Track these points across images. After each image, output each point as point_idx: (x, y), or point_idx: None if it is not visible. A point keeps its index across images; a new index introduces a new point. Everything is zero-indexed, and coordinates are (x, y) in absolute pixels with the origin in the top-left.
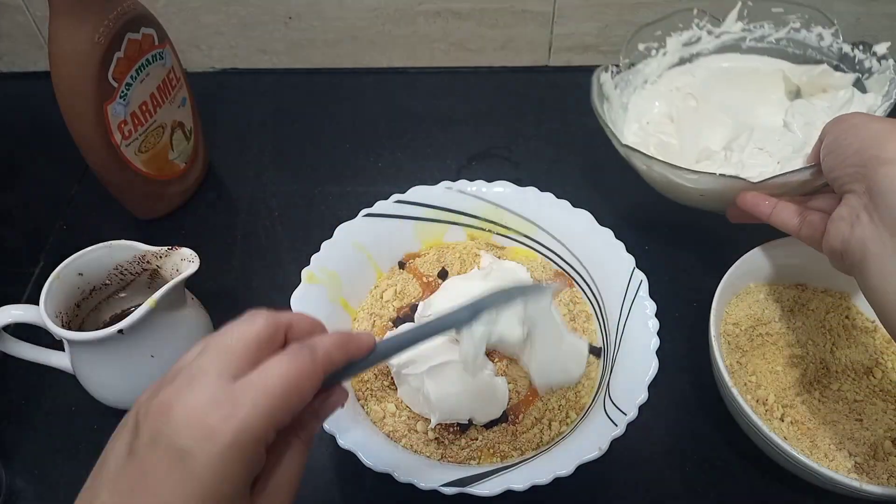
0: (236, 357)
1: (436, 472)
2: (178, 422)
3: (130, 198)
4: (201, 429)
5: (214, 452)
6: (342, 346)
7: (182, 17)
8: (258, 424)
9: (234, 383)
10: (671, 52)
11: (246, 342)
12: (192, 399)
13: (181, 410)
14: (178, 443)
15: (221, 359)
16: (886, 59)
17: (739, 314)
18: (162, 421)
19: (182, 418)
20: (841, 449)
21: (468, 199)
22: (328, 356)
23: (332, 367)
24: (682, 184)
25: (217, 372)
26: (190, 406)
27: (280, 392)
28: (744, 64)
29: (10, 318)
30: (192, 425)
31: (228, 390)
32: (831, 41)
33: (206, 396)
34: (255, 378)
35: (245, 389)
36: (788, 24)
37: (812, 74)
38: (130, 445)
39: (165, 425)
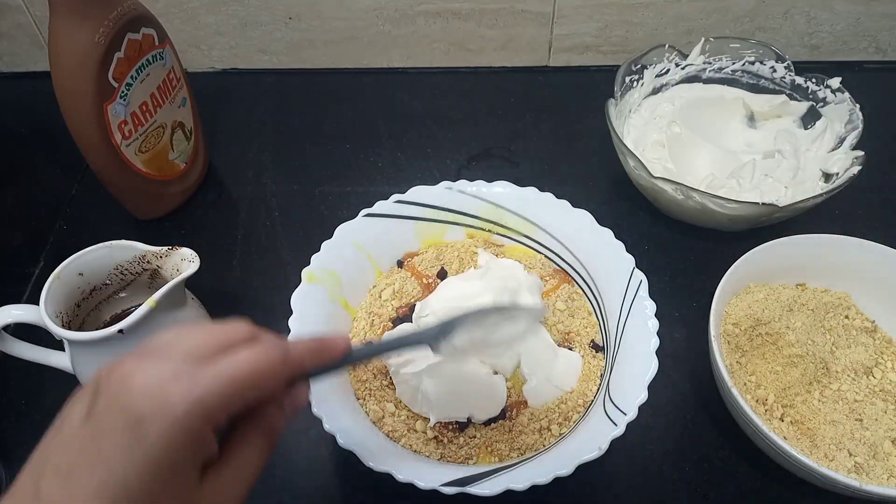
0: (204, 345)
1: (435, 472)
2: (136, 389)
3: (130, 198)
4: (157, 398)
5: (166, 423)
6: (316, 353)
7: (182, 17)
8: (212, 404)
9: (197, 364)
10: (647, 83)
11: (218, 335)
12: (153, 371)
13: (141, 379)
14: (133, 409)
15: (190, 343)
16: (842, 91)
17: (739, 314)
18: (121, 388)
19: (141, 387)
20: (841, 449)
21: (468, 199)
22: (300, 361)
23: (302, 371)
24: (715, 210)
25: (183, 352)
26: (150, 376)
27: (240, 379)
28: (710, 93)
29: (10, 318)
30: (149, 394)
31: (190, 369)
32: (784, 73)
33: (168, 371)
34: (220, 362)
35: (206, 371)
36: (744, 58)
37: (774, 104)
38: (88, 409)
39: (124, 392)
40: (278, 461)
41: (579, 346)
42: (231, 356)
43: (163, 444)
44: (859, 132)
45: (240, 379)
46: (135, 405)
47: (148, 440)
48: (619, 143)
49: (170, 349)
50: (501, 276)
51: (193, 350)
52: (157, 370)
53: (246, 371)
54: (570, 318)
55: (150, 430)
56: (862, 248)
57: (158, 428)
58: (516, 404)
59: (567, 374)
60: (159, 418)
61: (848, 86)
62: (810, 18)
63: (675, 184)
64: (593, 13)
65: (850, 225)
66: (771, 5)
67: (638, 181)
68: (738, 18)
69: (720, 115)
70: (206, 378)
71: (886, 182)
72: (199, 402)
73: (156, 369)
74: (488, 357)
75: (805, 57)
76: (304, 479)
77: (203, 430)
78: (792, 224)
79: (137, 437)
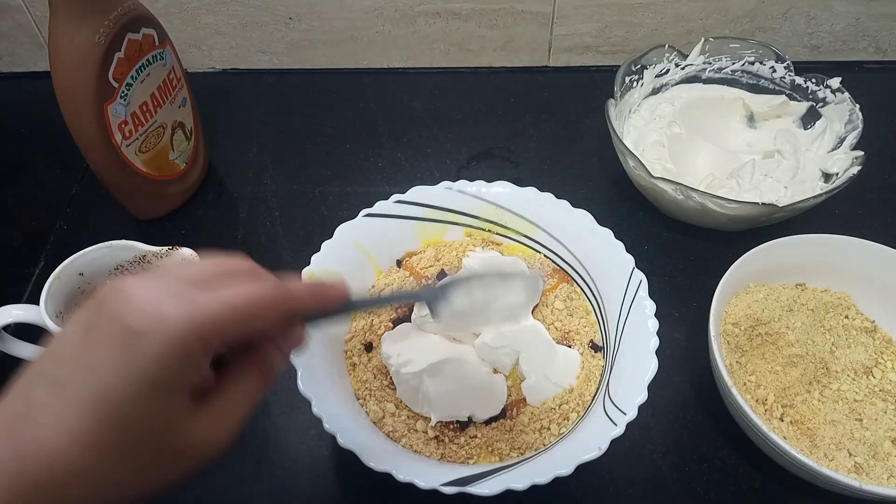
0: (207, 272)
1: (436, 472)
2: (135, 305)
3: (131, 198)
4: (156, 315)
5: (161, 339)
6: (316, 295)
7: (182, 17)
8: (208, 326)
9: (198, 289)
10: (647, 83)
11: (222, 265)
12: (154, 290)
13: (142, 296)
14: (130, 324)
15: (193, 270)
16: (842, 91)
17: (739, 314)
18: (121, 303)
19: (140, 303)
20: (841, 449)
21: (468, 199)
22: (300, 300)
23: (301, 310)
24: (715, 210)
25: (185, 277)
26: (151, 294)
27: (239, 307)
28: (710, 93)
29: (10, 318)
30: (149, 310)
31: (192, 293)
32: (784, 73)
33: (169, 291)
34: (221, 290)
35: (206, 295)
36: (744, 58)
37: (773, 104)
38: (87, 323)
39: (124, 307)
40: (278, 461)
41: (578, 346)
42: (232, 286)
43: (156, 359)
44: (859, 132)
45: (239, 307)
46: (132, 320)
47: (142, 354)
48: (619, 143)
49: (173, 272)
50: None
51: (196, 276)
52: (158, 289)
53: (246, 300)
54: (568, 317)
55: (146, 344)
56: (862, 248)
57: (153, 343)
58: (516, 403)
59: (566, 371)
60: (155, 334)
61: (848, 86)
62: (810, 18)
63: (674, 184)
64: (593, 13)
65: (850, 225)
66: (771, 5)
67: (638, 181)
68: (737, 18)
69: (720, 115)
70: (205, 301)
71: (886, 182)
72: (196, 323)
73: (157, 288)
74: (485, 327)
75: (805, 57)
76: (304, 479)
77: (197, 351)
78: (792, 224)
79: (132, 352)
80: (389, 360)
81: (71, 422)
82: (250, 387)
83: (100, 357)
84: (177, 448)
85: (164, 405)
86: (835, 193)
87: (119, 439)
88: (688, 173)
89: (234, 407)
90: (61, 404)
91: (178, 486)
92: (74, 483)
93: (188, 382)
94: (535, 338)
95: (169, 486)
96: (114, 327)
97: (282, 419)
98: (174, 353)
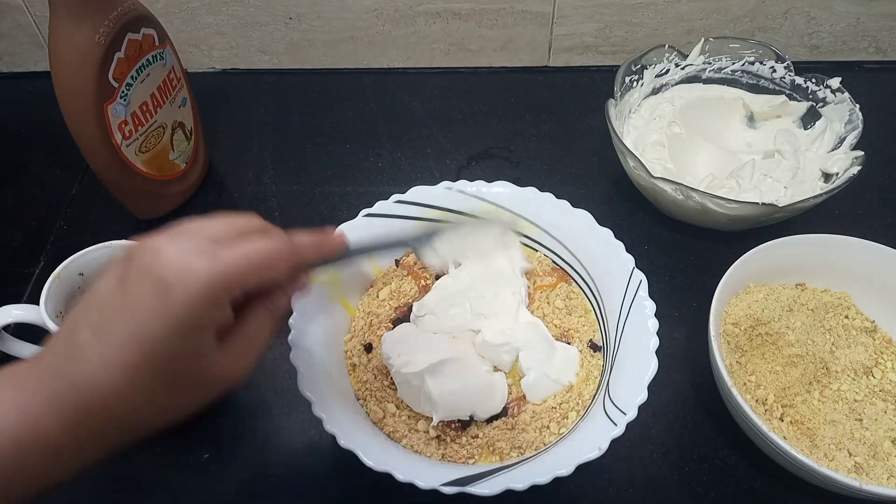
0: (225, 230)
1: (436, 472)
2: (166, 259)
3: (131, 198)
4: (184, 268)
5: (191, 288)
6: (318, 247)
7: (182, 17)
8: (230, 278)
9: (219, 245)
10: (647, 83)
11: (237, 223)
12: (180, 246)
13: (171, 252)
14: (163, 276)
15: (212, 228)
16: (842, 91)
17: (739, 314)
18: (152, 258)
19: (170, 257)
20: (841, 449)
21: (468, 199)
22: (304, 252)
23: (306, 261)
24: (715, 210)
25: (207, 235)
26: (179, 249)
27: (255, 261)
28: (710, 93)
29: (10, 318)
30: (178, 264)
31: (214, 247)
32: (783, 73)
33: (193, 246)
34: (237, 245)
35: (225, 250)
36: (744, 58)
37: (773, 104)
38: (121, 275)
39: (156, 261)
40: (278, 461)
41: (578, 345)
42: (248, 242)
43: (187, 306)
44: (859, 132)
45: (255, 260)
46: (164, 273)
47: (174, 302)
48: (619, 143)
49: (196, 231)
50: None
51: (215, 234)
52: (185, 246)
53: (261, 254)
54: (567, 316)
55: (177, 294)
56: (862, 248)
57: (184, 292)
58: (517, 401)
59: (565, 369)
60: (185, 285)
61: (848, 86)
62: (810, 18)
63: (674, 184)
64: (593, 13)
65: (850, 225)
66: (771, 5)
67: (638, 181)
68: (737, 18)
69: (720, 115)
70: (227, 256)
71: (886, 182)
72: (220, 274)
73: (183, 245)
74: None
75: (805, 57)
76: (304, 479)
77: (221, 298)
78: (792, 224)
79: (165, 300)
80: (390, 360)
81: (115, 358)
82: (263, 325)
83: (136, 305)
84: (205, 378)
85: (194, 343)
86: (835, 193)
87: (156, 372)
88: (688, 173)
89: (251, 342)
90: (105, 344)
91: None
92: (121, 407)
93: (213, 324)
94: (534, 335)
95: (197, 408)
96: (147, 278)
97: (282, 419)
98: (202, 300)
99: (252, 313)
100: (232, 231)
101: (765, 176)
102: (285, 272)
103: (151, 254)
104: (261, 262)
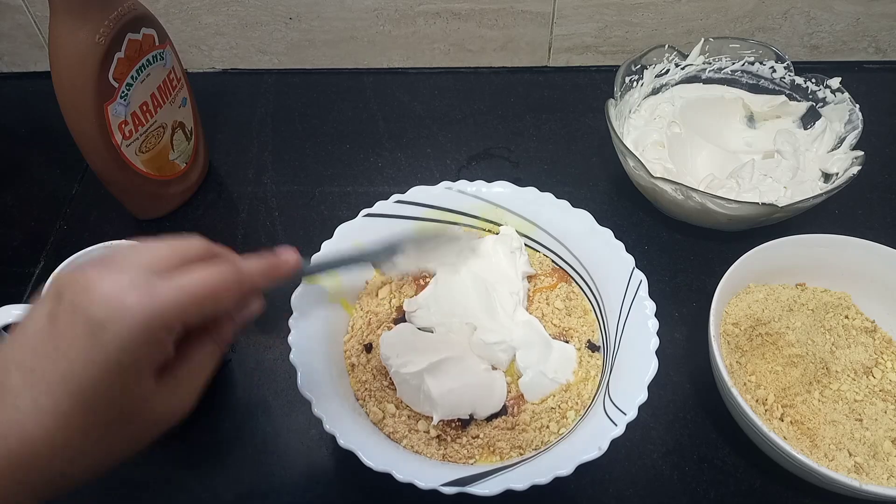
0: (163, 259)
1: (436, 472)
2: (98, 296)
3: (131, 198)
4: (117, 306)
5: (124, 328)
6: (268, 272)
7: (182, 17)
8: (169, 314)
9: (157, 278)
10: (647, 83)
11: (177, 250)
12: (113, 280)
13: (103, 287)
14: (94, 315)
15: (150, 256)
16: (842, 91)
17: (739, 314)
18: (84, 294)
19: (102, 294)
20: (841, 449)
21: (468, 199)
22: (252, 281)
23: (255, 288)
24: (715, 210)
25: (142, 265)
26: (112, 284)
27: (197, 294)
28: (710, 93)
29: (10, 318)
30: (110, 301)
31: (151, 282)
32: (783, 73)
33: (128, 280)
34: (178, 277)
35: (165, 284)
36: (744, 58)
37: (773, 104)
38: (52, 312)
39: (86, 298)
40: (278, 461)
41: (577, 345)
42: (190, 272)
43: (120, 347)
44: (859, 132)
45: (197, 294)
46: (95, 312)
47: (106, 344)
48: (619, 143)
49: (130, 260)
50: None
51: (154, 263)
52: (118, 280)
53: (204, 286)
54: (567, 316)
55: (109, 335)
56: (862, 248)
57: (117, 332)
58: (516, 400)
59: (562, 367)
60: (118, 324)
61: (848, 86)
62: (810, 18)
63: (674, 184)
64: (593, 13)
65: (850, 225)
66: (771, 5)
67: (638, 181)
68: (737, 18)
69: (720, 115)
70: (165, 290)
71: (886, 182)
72: (157, 311)
73: (117, 278)
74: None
75: (805, 57)
76: (304, 479)
77: (159, 336)
78: (792, 224)
79: (97, 342)
80: (388, 360)
81: (46, 405)
82: (206, 358)
83: (66, 346)
84: (144, 419)
85: (129, 386)
86: (835, 193)
87: (90, 418)
88: (688, 173)
89: (192, 378)
90: (36, 390)
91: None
92: (54, 457)
93: (151, 364)
94: (531, 334)
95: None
96: (78, 318)
97: (282, 419)
98: (136, 341)
99: (195, 346)
100: (173, 258)
101: (764, 176)
102: (232, 302)
103: (83, 289)
104: (203, 295)
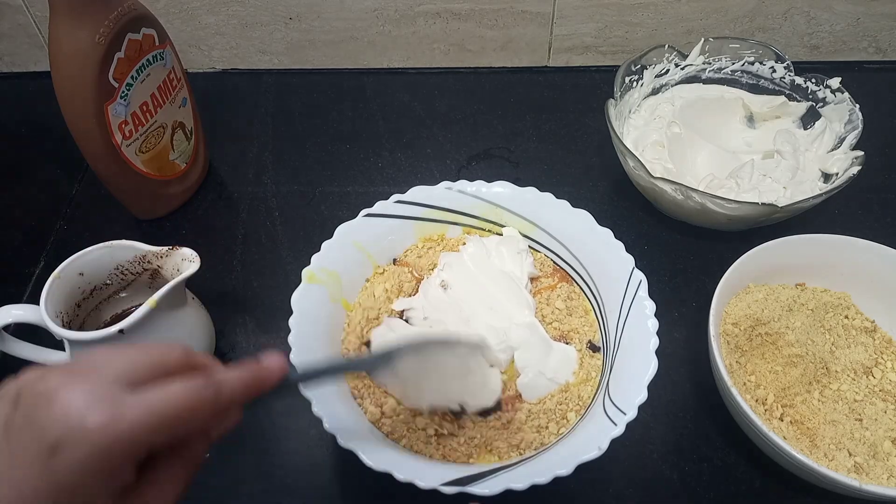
0: (137, 370)
1: (436, 472)
2: (56, 412)
3: (131, 198)
4: (76, 427)
5: (80, 453)
6: (249, 385)
7: (182, 17)
8: (132, 439)
9: (126, 392)
10: (646, 83)
11: (153, 358)
12: (78, 394)
13: (63, 402)
14: (49, 435)
15: (122, 364)
16: (842, 91)
17: (739, 314)
18: (42, 407)
19: (62, 408)
20: (841, 449)
21: (468, 199)
22: (231, 397)
23: (234, 403)
24: (715, 210)
25: (114, 375)
26: (73, 400)
27: (169, 416)
28: (710, 93)
29: (10, 318)
30: (69, 419)
31: (118, 397)
32: (783, 73)
33: (93, 396)
34: (149, 394)
35: (134, 403)
36: (744, 58)
37: (773, 105)
38: (7, 422)
39: (44, 412)
40: (278, 461)
41: (578, 345)
42: (162, 387)
43: (74, 472)
44: (859, 132)
45: (167, 414)
46: (52, 428)
47: (59, 470)
48: (619, 143)
49: (100, 369)
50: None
51: (125, 373)
52: (82, 392)
53: (176, 405)
54: (567, 316)
55: (65, 459)
56: (862, 248)
57: (73, 458)
58: (512, 399)
59: (562, 368)
60: (73, 448)
61: (847, 86)
62: (810, 18)
63: (674, 184)
64: (593, 13)
65: (850, 225)
66: (771, 5)
67: (638, 181)
68: (737, 18)
69: (720, 115)
70: (132, 410)
71: (886, 182)
72: (120, 435)
73: (81, 390)
74: (434, 387)
75: (805, 57)
76: (304, 479)
77: (118, 461)
78: (792, 224)
79: (49, 465)
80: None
81: None
82: (175, 480)
83: (18, 467)
84: None
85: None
86: (835, 193)
87: None
88: (688, 173)
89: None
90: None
91: None
92: None
93: (108, 493)
94: (531, 335)
95: None
96: (33, 434)
97: (282, 419)
98: (94, 466)
99: (161, 468)
100: (148, 369)
101: (764, 176)
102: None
103: (44, 400)
104: (174, 415)
